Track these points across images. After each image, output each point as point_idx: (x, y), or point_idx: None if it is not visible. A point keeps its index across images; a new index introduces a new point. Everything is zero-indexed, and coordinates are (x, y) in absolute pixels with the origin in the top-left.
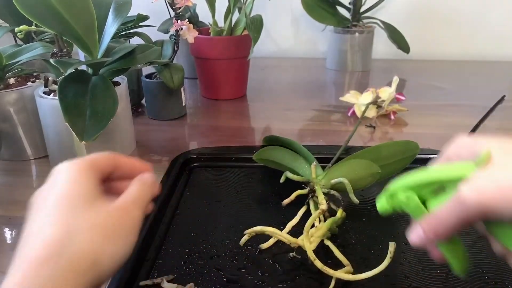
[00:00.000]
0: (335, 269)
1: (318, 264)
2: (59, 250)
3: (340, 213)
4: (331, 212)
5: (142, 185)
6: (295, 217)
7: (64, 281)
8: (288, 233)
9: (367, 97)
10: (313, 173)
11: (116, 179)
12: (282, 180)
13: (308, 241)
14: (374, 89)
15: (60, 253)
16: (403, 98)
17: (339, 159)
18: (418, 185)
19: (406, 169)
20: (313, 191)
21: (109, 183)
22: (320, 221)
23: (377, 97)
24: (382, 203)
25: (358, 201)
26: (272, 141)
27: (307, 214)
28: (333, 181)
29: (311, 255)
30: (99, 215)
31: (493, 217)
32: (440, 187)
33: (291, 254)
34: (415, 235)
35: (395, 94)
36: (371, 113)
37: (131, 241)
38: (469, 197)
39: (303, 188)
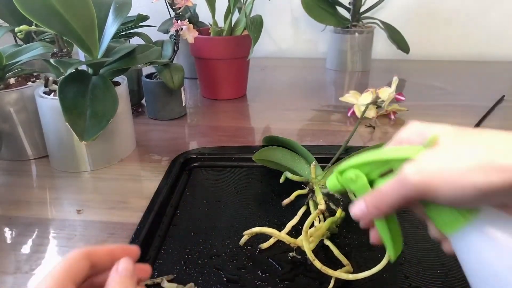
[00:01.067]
0: (335, 269)
1: (318, 264)
2: None
3: (339, 213)
4: (331, 212)
5: (120, 278)
6: (295, 217)
7: None
8: (288, 233)
9: (366, 97)
10: (313, 173)
11: (97, 273)
12: (281, 180)
13: (307, 241)
14: (374, 89)
15: None
16: (402, 98)
17: (338, 159)
18: (366, 164)
19: None
20: (312, 191)
21: (90, 279)
22: (319, 221)
23: (377, 97)
24: (332, 181)
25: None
26: (272, 141)
27: (307, 214)
28: None
29: (310, 255)
30: None
31: (431, 198)
32: (388, 170)
33: (290, 254)
34: (358, 208)
35: (394, 94)
36: (371, 113)
37: None
38: (411, 176)
39: (303, 188)
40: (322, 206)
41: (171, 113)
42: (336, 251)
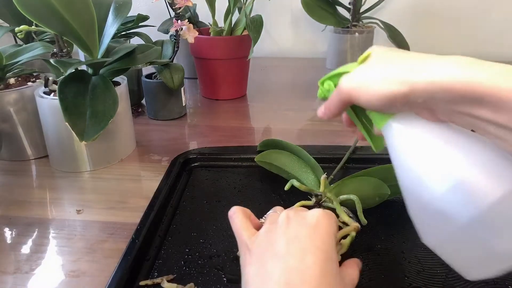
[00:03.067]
0: None
1: None
2: None
3: (356, 229)
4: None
5: (358, 272)
6: None
7: None
8: None
9: None
10: (322, 186)
11: None
12: (286, 188)
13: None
14: None
15: None
16: None
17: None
18: (333, 76)
19: None
20: (319, 204)
21: None
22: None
23: None
24: (320, 90)
25: (366, 222)
26: (269, 145)
27: None
28: (341, 197)
29: None
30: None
31: (357, 102)
32: None
33: None
34: (319, 111)
35: None
36: None
37: None
38: (343, 85)
39: (308, 198)
40: (355, 223)
41: (171, 113)
42: None
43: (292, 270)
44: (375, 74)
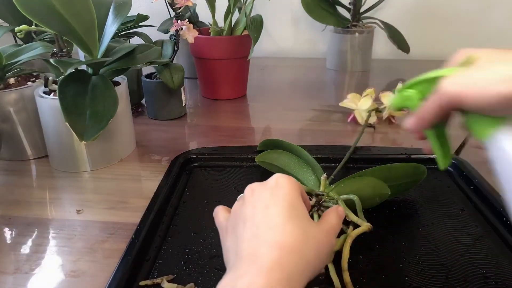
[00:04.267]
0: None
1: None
2: (300, 248)
3: (369, 228)
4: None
5: (338, 218)
6: None
7: (301, 274)
8: None
9: (366, 102)
10: (322, 186)
11: None
12: None
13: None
14: (373, 89)
15: (301, 251)
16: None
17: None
18: (418, 83)
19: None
20: (319, 204)
21: None
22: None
23: (380, 103)
24: (394, 100)
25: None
26: (269, 145)
27: None
28: (341, 196)
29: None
30: (316, 231)
31: (463, 105)
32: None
33: None
34: (408, 121)
35: None
36: (372, 119)
37: (324, 263)
38: (445, 87)
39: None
40: (366, 223)
41: (171, 113)
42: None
43: (258, 223)
44: (489, 73)
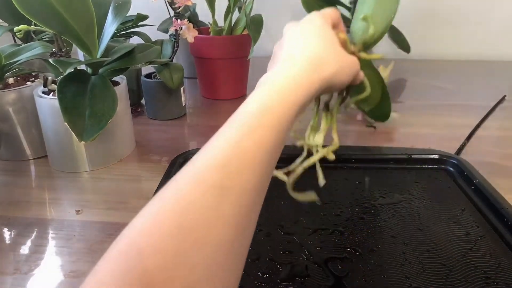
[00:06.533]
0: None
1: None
2: (326, 53)
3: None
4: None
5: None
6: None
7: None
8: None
9: None
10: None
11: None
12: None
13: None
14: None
15: (326, 56)
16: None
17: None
18: None
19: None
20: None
21: None
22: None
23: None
24: None
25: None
26: None
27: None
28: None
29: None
30: (342, 49)
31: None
32: None
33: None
34: None
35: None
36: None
37: (347, 77)
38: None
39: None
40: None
41: (171, 113)
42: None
43: (296, 37)
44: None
